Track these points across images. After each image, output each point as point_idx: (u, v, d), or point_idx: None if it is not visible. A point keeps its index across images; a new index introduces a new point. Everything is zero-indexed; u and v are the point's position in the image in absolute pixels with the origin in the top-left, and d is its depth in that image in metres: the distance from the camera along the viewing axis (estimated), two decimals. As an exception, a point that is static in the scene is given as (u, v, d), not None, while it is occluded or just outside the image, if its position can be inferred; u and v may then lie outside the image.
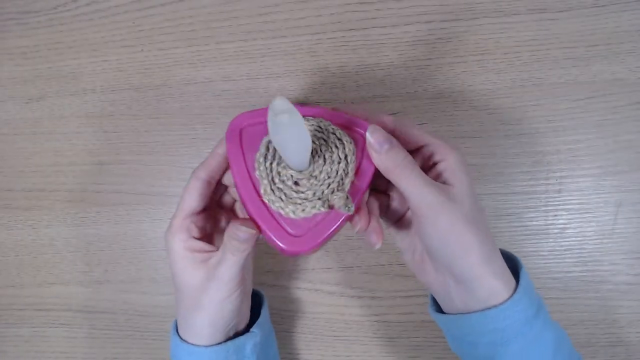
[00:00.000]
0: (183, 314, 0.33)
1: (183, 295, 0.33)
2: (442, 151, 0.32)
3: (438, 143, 0.32)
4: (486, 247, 0.30)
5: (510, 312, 0.30)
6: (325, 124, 0.32)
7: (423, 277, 0.34)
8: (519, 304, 0.30)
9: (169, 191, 0.46)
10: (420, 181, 0.30)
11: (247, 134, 0.32)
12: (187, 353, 0.33)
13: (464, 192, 0.30)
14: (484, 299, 0.30)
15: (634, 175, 0.42)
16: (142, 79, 0.46)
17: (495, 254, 0.31)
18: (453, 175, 0.31)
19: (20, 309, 0.48)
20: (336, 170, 0.31)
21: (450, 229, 0.30)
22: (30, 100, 0.47)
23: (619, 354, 0.43)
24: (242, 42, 0.45)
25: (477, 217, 0.30)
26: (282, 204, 0.30)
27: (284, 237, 0.30)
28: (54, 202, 0.47)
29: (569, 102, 0.43)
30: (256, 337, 0.35)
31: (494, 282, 0.30)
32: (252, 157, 0.32)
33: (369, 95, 0.44)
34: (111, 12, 0.45)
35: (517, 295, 0.30)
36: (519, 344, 0.30)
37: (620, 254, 0.43)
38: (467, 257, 0.30)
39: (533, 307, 0.31)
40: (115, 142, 0.46)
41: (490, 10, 0.43)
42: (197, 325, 0.33)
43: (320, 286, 0.45)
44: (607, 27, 0.42)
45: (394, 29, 0.43)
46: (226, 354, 0.33)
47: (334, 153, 0.31)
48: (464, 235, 0.30)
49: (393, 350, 0.45)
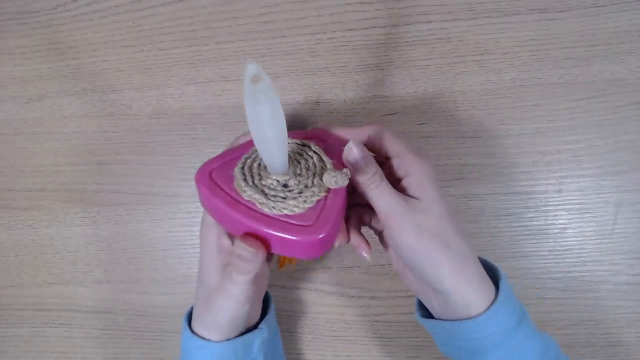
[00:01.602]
0: (200, 306, 0.34)
1: (203, 289, 0.34)
2: (408, 165, 0.32)
3: (405, 156, 0.32)
4: (457, 257, 0.30)
5: (486, 324, 0.30)
6: (291, 141, 0.34)
7: (407, 284, 0.35)
8: (496, 317, 0.30)
9: (169, 191, 0.46)
10: (387, 194, 0.31)
11: (218, 174, 0.33)
12: (196, 346, 0.34)
13: (430, 204, 0.31)
14: (459, 309, 0.31)
15: (634, 175, 0.42)
16: (142, 79, 0.46)
17: (469, 264, 0.31)
18: (419, 188, 0.31)
19: (20, 309, 0.48)
20: (314, 163, 0.33)
21: (416, 241, 0.30)
22: (30, 100, 0.47)
23: (619, 354, 0.43)
24: (242, 42, 0.45)
25: (446, 228, 0.31)
26: (284, 204, 0.31)
27: (298, 231, 0.30)
28: (54, 202, 0.47)
29: (569, 102, 0.43)
30: (264, 333, 0.35)
31: (468, 293, 0.30)
32: (232, 187, 0.32)
33: (369, 95, 0.44)
34: (111, 12, 0.45)
35: (494, 309, 0.30)
36: (497, 355, 0.30)
37: (620, 254, 0.43)
38: (435, 269, 0.30)
39: (513, 318, 0.31)
40: (115, 142, 0.46)
41: (490, 10, 0.43)
42: (207, 322, 0.33)
43: (320, 286, 0.45)
44: (607, 27, 0.42)
45: (394, 29, 0.43)
46: (235, 349, 0.33)
47: (303, 153, 0.34)
48: (431, 248, 0.30)
49: (393, 350, 0.45)
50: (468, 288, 0.30)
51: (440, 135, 0.44)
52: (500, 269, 0.33)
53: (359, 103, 0.44)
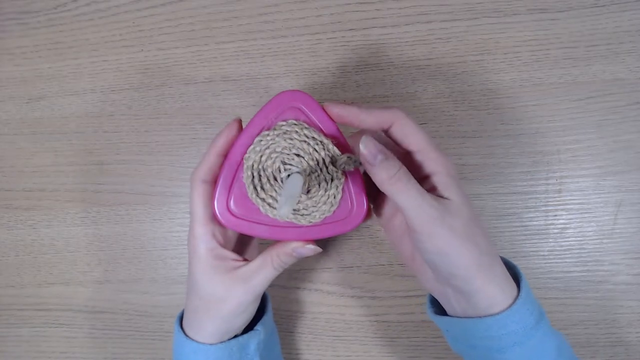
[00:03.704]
0: (194, 313, 0.33)
1: (199, 299, 0.33)
2: (436, 161, 0.30)
3: (430, 152, 0.30)
4: (485, 258, 0.30)
5: (507, 321, 0.30)
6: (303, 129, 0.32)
7: (423, 282, 0.34)
8: (516, 315, 0.30)
9: (169, 191, 0.46)
10: (416, 195, 0.29)
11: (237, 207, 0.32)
12: (191, 350, 0.33)
13: (460, 205, 0.30)
14: (482, 308, 0.30)
15: (634, 175, 0.42)
16: (142, 79, 0.46)
17: (495, 262, 0.31)
18: (449, 188, 0.30)
19: (20, 309, 0.48)
20: (322, 159, 0.32)
21: (448, 245, 0.29)
22: (30, 100, 0.47)
23: (619, 354, 0.43)
24: (242, 42, 0.45)
25: (475, 229, 0.30)
26: (318, 212, 0.32)
27: (344, 224, 0.32)
28: (54, 202, 0.47)
29: (569, 102, 0.43)
30: (260, 335, 0.35)
31: (494, 292, 0.30)
32: (261, 214, 0.32)
33: (369, 95, 0.44)
34: (111, 12, 0.45)
35: (515, 307, 0.30)
36: (516, 353, 0.30)
37: (620, 254, 0.43)
38: (466, 272, 0.30)
39: (532, 317, 0.30)
40: (115, 142, 0.46)
41: (489, 10, 0.43)
42: (208, 329, 0.33)
43: (320, 286, 0.45)
44: (607, 27, 0.42)
45: (394, 29, 0.43)
46: (230, 352, 0.33)
47: (308, 148, 0.32)
48: (462, 250, 0.29)
49: (393, 350, 0.45)
50: (495, 288, 0.30)
51: (440, 135, 0.44)
52: (519, 267, 0.33)
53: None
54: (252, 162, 0.31)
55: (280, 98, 0.32)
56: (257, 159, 0.31)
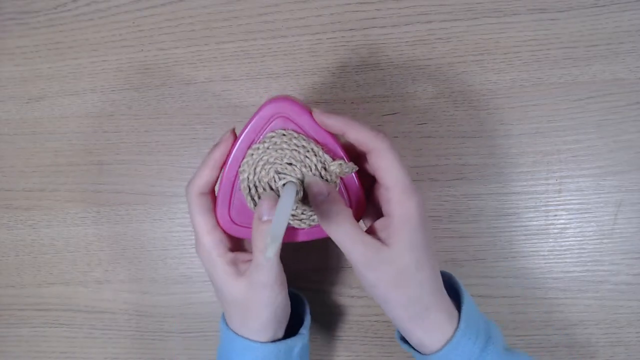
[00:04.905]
0: (232, 315, 0.34)
1: (230, 305, 0.33)
2: (397, 205, 0.29)
3: (397, 195, 0.29)
4: (414, 308, 0.30)
5: (450, 356, 0.30)
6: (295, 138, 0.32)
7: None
8: (458, 348, 0.30)
9: (169, 191, 0.46)
10: (348, 238, 0.30)
11: (237, 215, 0.33)
12: (242, 347, 0.33)
13: (397, 254, 0.29)
14: (427, 346, 0.31)
15: (634, 175, 0.42)
16: (142, 79, 0.46)
17: (430, 312, 0.31)
18: (395, 235, 0.29)
19: (20, 309, 0.48)
20: (313, 164, 0.32)
21: (376, 287, 0.30)
22: (30, 100, 0.47)
23: (619, 354, 0.43)
24: (242, 42, 0.45)
25: (407, 280, 0.30)
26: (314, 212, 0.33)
27: None
28: (54, 202, 0.47)
29: (569, 102, 0.43)
30: (304, 339, 0.35)
31: (424, 338, 0.31)
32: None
33: (369, 95, 0.44)
34: (111, 12, 0.45)
35: (455, 339, 0.30)
36: None
37: (620, 254, 0.43)
38: (395, 318, 0.31)
39: (476, 346, 0.30)
40: (115, 142, 0.46)
41: (490, 10, 0.43)
42: (251, 327, 0.33)
43: (321, 286, 0.45)
44: (607, 27, 0.42)
45: (394, 29, 0.43)
46: (277, 353, 0.33)
47: (299, 156, 0.32)
48: (389, 297, 0.30)
49: (393, 350, 0.45)
50: (424, 334, 0.31)
51: (440, 135, 0.44)
52: (462, 292, 0.33)
53: (359, 103, 0.44)
54: (247, 175, 0.32)
55: (266, 108, 0.32)
56: (252, 171, 0.32)
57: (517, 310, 0.44)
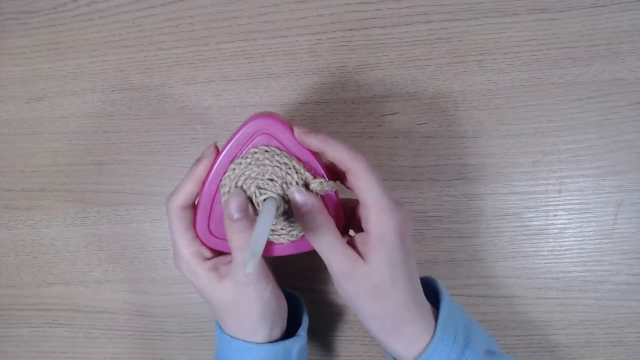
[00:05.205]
0: (225, 319, 0.34)
1: (220, 309, 0.34)
2: (371, 222, 0.30)
3: (374, 214, 0.30)
4: (388, 321, 0.31)
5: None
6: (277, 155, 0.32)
7: None
8: (435, 355, 0.30)
9: (169, 191, 0.45)
10: (330, 249, 0.30)
11: (215, 226, 0.34)
12: (238, 348, 0.33)
13: (373, 269, 0.30)
14: (403, 355, 0.32)
15: (634, 175, 0.42)
16: (142, 79, 0.46)
17: (403, 326, 0.31)
18: (372, 251, 0.30)
19: (20, 309, 0.48)
20: (294, 181, 0.32)
21: (352, 298, 0.31)
22: (30, 100, 0.47)
23: (619, 354, 0.43)
24: (242, 42, 0.45)
25: (384, 295, 0.30)
26: (293, 227, 0.33)
27: None
28: (54, 202, 0.47)
29: (569, 102, 0.43)
30: (302, 340, 0.35)
31: (400, 350, 0.31)
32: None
33: (369, 95, 0.44)
34: (111, 12, 0.45)
35: (432, 346, 0.30)
36: None
37: (620, 254, 0.43)
38: (369, 328, 0.32)
39: (453, 352, 0.31)
40: (115, 142, 0.46)
41: (490, 10, 0.43)
42: (244, 327, 0.33)
43: (321, 286, 0.45)
44: (607, 27, 0.42)
45: (394, 29, 0.43)
46: (275, 355, 0.33)
47: (280, 173, 0.32)
48: (363, 310, 0.31)
49: (393, 350, 0.45)
50: (399, 346, 0.31)
51: (440, 135, 0.44)
52: (442, 297, 0.33)
53: (359, 103, 0.44)
54: (228, 189, 0.32)
55: (250, 125, 0.32)
56: (233, 186, 0.32)
57: (517, 310, 0.44)
